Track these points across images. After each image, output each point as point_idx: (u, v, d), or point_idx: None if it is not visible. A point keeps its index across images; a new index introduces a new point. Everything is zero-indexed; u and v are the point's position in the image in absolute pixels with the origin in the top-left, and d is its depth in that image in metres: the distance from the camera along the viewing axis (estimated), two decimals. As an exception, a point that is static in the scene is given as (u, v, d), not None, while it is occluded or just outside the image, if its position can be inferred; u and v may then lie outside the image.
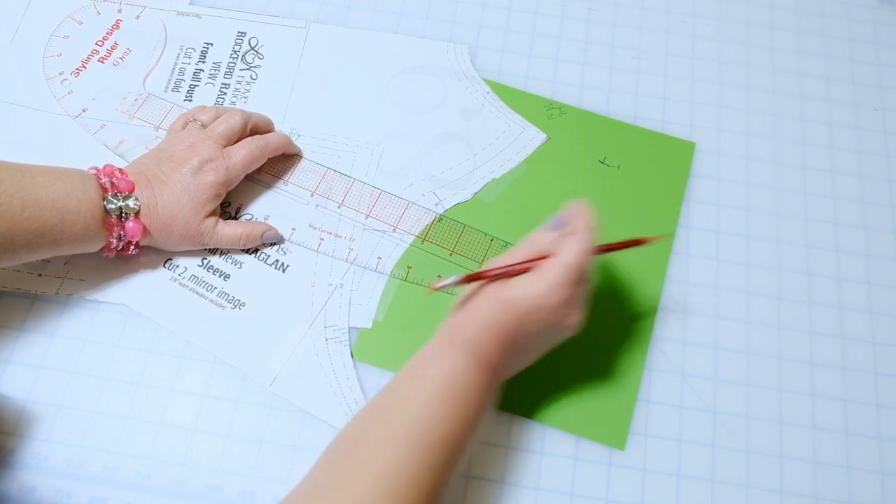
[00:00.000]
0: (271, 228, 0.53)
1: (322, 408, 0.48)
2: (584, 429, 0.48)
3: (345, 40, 0.62)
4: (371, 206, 0.54)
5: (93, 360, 0.50)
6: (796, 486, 0.47)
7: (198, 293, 0.51)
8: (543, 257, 0.42)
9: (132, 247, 0.48)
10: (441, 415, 0.38)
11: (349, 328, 0.51)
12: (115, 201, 0.46)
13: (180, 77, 0.59)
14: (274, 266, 0.52)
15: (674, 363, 0.51)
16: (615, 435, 0.48)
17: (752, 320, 0.52)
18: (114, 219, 0.46)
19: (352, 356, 0.50)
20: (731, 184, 0.57)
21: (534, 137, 0.58)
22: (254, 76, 0.60)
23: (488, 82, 0.60)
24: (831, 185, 0.57)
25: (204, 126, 0.52)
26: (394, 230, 0.53)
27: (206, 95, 0.59)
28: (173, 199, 0.48)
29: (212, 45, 0.61)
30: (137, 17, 0.62)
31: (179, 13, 0.62)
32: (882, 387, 0.50)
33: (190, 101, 0.58)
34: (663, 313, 0.52)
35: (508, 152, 0.57)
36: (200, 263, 0.52)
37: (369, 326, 0.51)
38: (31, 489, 0.46)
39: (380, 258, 0.52)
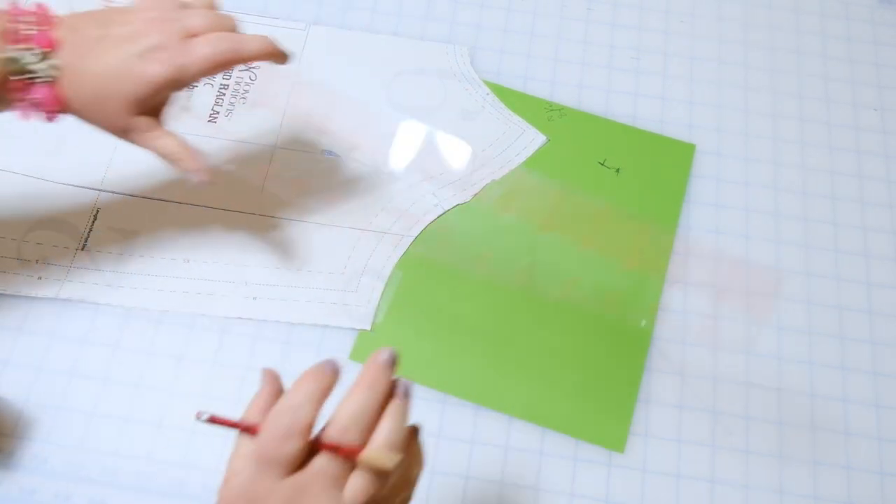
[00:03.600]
0: (195, 168, 0.41)
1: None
2: (583, 432, 0.48)
3: (344, 42, 0.62)
4: None
5: (92, 362, 0.50)
6: (796, 486, 0.47)
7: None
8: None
9: (46, 115, 0.39)
10: None
11: (347, 330, 0.51)
12: (23, 59, 0.36)
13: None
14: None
15: (673, 363, 0.51)
16: (615, 438, 0.48)
17: (751, 321, 0.52)
18: (17, 81, 0.36)
19: (350, 358, 0.50)
20: (731, 184, 0.57)
21: (533, 139, 0.58)
22: (253, 77, 0.60)
23: (487, 83, 0.60)
24: (830, 185, 0.57)
25: (183, 7, 0.41)
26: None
27: (204, 96, 0.59)
28: (106, 77, 0.38)
29: (211, 46, 0.61)
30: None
31: (179, 15, 0.62)
32: (882, 387, 0.50)
33: (189, 100, 0.58)
34: (663, 313, 0.52)
35: (508, 154, 0.57)
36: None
37: (368, 328, 0.51)
38: (31, 492, 0.46)
39: None
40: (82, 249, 0.53)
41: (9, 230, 0.53)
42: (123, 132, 0.40)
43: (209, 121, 0.58)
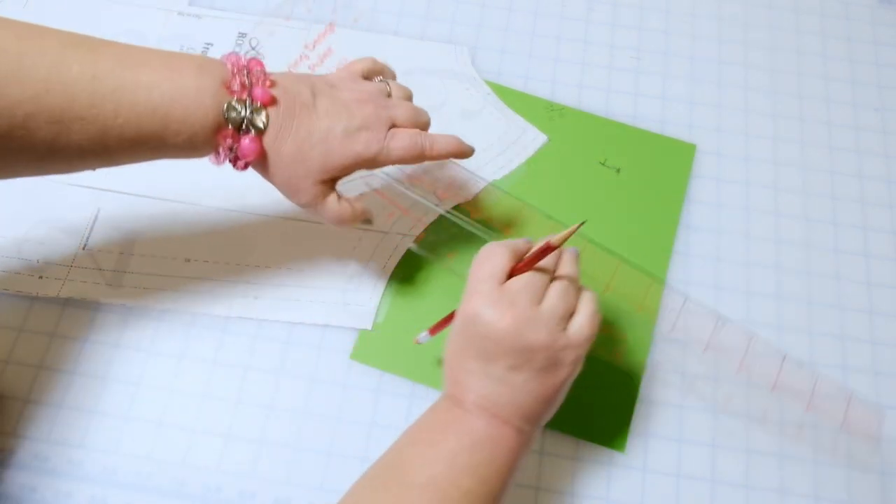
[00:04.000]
0: (368, 222, 0.45)
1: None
2: (584, 431, 0.48)
3: (345, 42, 0.62)
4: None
5: (92, 361, 0.50)
6: (796, 486, 0.47)
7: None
8: None
9: (240, 163, 0.40)
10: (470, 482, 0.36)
11: (348, 329, 0.51)
12: (241, 110, 0.38)
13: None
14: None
15: (674, 362, 0.51)
16: (615, 437, 0.48)
17: (752, 320, 0.52)
18: (230, 129, 0.38)
19: (350, 358, 0.50)
20: (731, 184, 0.57)
21: (534, 139, 0.58)
22: (254, 77, 0.60)
23: (488, 83, 0.60)
24: (831, 185, 0.57)
25: (389, 96, 0.44)
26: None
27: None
28: (307, 142, 0.40)
29: (212, 45, 0.61)
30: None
31: (180, 13, 0.62)
32: (882, 386, 0.50)
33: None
34: (664, 312, 0.52)
35: (509, 154, 0.57)
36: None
37: (369, 328, 0.51)
38: (31, 490, 0.46)
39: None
40: (83, 249, 0.53)
41: (10, 229, 0.53)
42: (301, 194, 0.42)
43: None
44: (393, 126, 0.42)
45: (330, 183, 0.42)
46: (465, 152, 0.46)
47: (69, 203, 0.54)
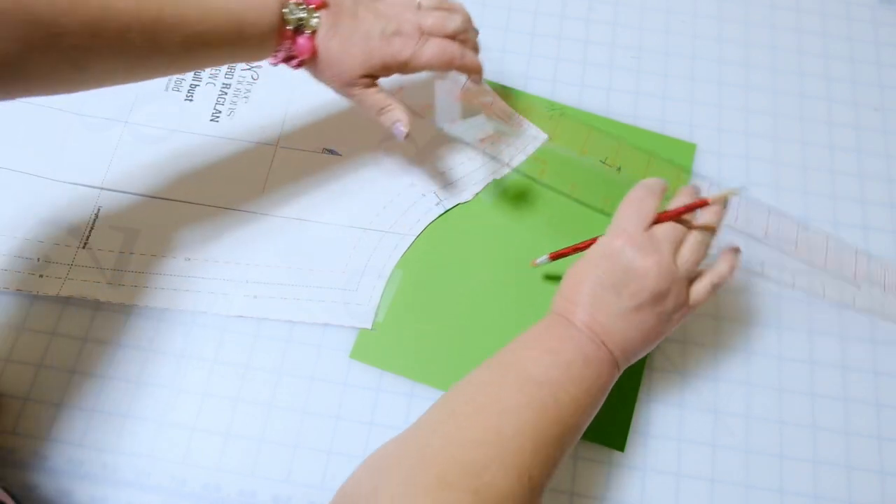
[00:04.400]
0: (403, 120, 0.48)
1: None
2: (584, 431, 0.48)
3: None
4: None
5: (93, 360, 0.50)
6: (796, 486, 0.47)
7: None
8: None
9: (294, 62, 0.46)
10: (568, 394, 0.39)
11: (348, 329, 0.51)
12: (298, 12, 0.44)
13: (181, 76, 0.59)
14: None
15: (674, 363, 0.51)
16: (615, 437, 0.48)
17: (752, 320, 0.52)
18: (289, 30, 0.44)
19: (350, 357, 0.50)
20: (731, 183, 0.57)
21: (535, 138, 0.58)
22: (255, 76, 0.60)
23: (489, 82, 0.60)
24: (831, 184, 0.57)
25: (419, 7, 0.49)
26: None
27: (206, 95, 0.59)
28: (350, 40, 0.46)
29: (212, 45, 0.61)
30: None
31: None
32: (882, 386, 0.50)
33: (191, 100, 0.58)
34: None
35: (509, 153, 0.57)
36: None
37: (369, 327, 0.51)
38: (32, 488, 0.46)
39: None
40: (83, 248, 0.53)
41: (10, 228, 0.53)
42: (348, 87, 0.47)
43: (211, 120, 0.58)
44: (425, 30, 0.48)
45: (370, 79, 0.47)
46: (481, 72, 0.51)
47: (69, 202, 0.54)
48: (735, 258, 0.45)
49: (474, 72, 0.51)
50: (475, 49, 0.51)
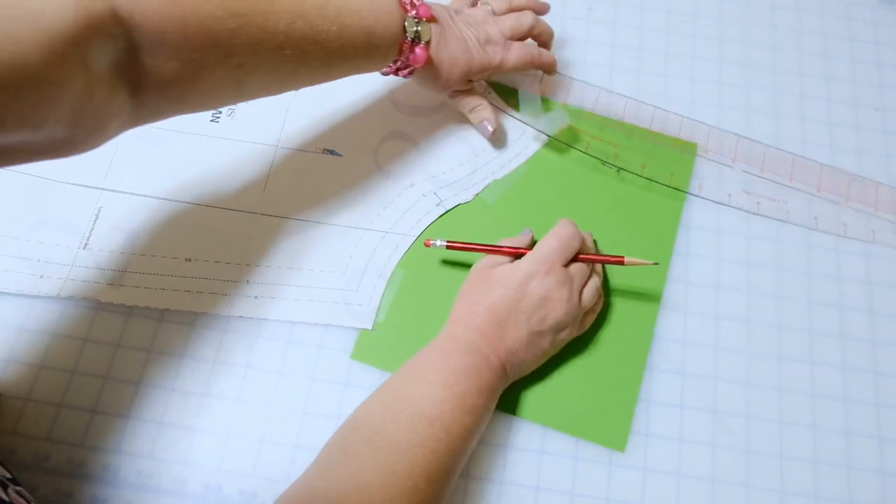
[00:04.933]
0: (490, 119, 0.55)
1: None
2: (584, 431, 0.48)
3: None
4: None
5: (93, 360, 0.50)
6: (796, 486, 0.47)
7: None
8: (523, 251, 0.48)
9: (406, 70, 0.49)
10: (453, 413, 0.42)
11: (349, 329, 0.51)
12: (414, 24, 0.47)
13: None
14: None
15: (674, 363, 0.51)
16: (616, 436, 0.48)
17: (752, 320, 0.52)
18: (407, 42, 0.47)
19: (351, 357, 0.50)
20: (732, 184, 0.57)
21: (535, 138, 0.58)
22: (254, 76, 0.60)
23: (489, 82, 0.60)
24: (831, 184, 0.57)
25: (494, 13, 0.55)
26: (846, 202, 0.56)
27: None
28: (457, 50, 0.50)
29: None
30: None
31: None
32: (882, 386, 0.50)
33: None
34: (664, 313, 0.52)
35: (510, 153, 0.57)
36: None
37: (370, 327, 0.51)
38: (33, 489, 0.46)
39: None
40: (84, 248, 0.53)
41: (11, 228, 0.53)
42: (452, 90, 0.54)
43: (212, 120, 0.58)
44: (507, 34, 0.53)
45: (469, 83, 0.54)
46: (555, 68, 0.58)
47: (70, 202, 0.54)
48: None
49: (550, 66, 0.56)
50: (550, 38, 0.57)
